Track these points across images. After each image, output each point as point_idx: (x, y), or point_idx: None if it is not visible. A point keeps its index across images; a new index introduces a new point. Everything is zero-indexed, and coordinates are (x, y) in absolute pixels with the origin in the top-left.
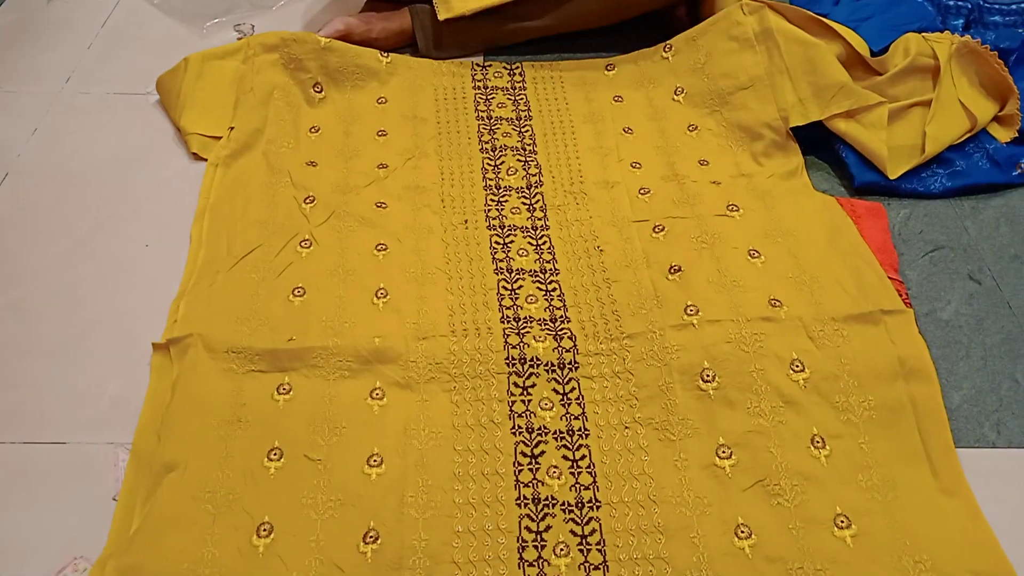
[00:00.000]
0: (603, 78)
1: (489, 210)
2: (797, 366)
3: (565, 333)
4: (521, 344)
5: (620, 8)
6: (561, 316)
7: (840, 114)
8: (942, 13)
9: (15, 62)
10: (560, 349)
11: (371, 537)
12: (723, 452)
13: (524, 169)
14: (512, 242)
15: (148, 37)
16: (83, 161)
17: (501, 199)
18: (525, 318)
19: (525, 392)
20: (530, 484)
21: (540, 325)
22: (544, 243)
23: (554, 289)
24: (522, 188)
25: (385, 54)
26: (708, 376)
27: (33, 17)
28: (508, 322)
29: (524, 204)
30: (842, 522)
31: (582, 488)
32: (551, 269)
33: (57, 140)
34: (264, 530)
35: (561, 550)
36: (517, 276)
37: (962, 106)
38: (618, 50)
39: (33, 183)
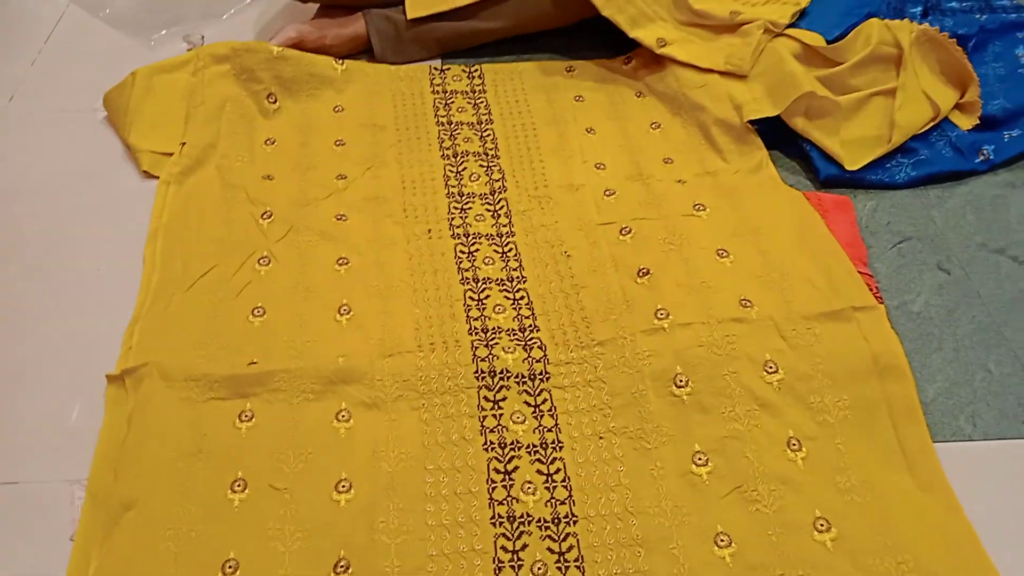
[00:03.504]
0: (564, 79)
1: (453, 218)
2: (771, 367)
3: (535, 343)
4: (490, 356)
5: (577, 7)
6: (530, 325)
7: (798, 112)
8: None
9: None
10: (530, 360)
11: (341, 567)
12: (699, 459)
13: (487, 175)
14: (477, 250)
15: (94, 51)
16: (30, 181)
17: (464, 206)
18: (493, 328)
19: (496, 406)
20: (504, 502)
21: (509, 336)
22: (510, 250)
23: (522, 298)
24: (486, 194)
25: (340, 61)
26: (681, 381)
27: None
28: (476, 334)
29: (488, 211)
30: (822, 525)
31: (558, 503)
32: (518, 277)
33: (2, 160)
34: (229, 567)
35: (539, 569)
36: (484, 285)
37: (924, 95)
38: (576, 52)
39: None
